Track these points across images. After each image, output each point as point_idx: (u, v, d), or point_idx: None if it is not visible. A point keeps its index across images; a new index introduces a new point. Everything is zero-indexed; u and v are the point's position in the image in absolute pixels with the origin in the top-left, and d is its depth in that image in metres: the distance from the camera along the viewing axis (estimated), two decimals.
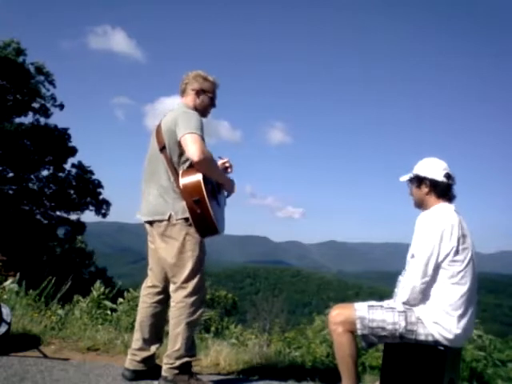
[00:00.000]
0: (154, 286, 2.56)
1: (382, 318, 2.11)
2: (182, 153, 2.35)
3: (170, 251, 2.38)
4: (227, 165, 2.76)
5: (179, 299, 2.37)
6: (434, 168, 2.25)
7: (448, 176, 2.23)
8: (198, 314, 2.40)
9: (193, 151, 2.22)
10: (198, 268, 2.39)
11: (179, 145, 2.32)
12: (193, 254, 2.37)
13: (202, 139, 2.29)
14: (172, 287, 2.42)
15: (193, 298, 2.37)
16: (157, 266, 2.54)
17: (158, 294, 2.55)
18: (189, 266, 2.36)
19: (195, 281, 2.37)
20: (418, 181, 2.27)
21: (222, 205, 2.63)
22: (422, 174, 2.26)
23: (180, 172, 2.35)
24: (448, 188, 2.24)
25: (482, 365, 3.33)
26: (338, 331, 2.16)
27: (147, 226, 2.50)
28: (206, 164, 2.28)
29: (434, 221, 2.13)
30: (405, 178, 2.37)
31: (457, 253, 2.09)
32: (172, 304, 2.41)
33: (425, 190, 2.25)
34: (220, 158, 2.76)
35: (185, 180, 2.30)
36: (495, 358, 3.32)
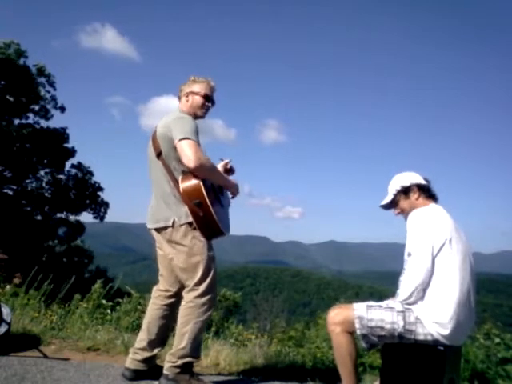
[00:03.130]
0: (166, 290, 2.56)
1: (380, 318, 2.12)
2: (179, 158, 2.32)
3: (179, 257, 2.37)
4: (228, 167, 2.74)
5: (190, 299, 2.37)
6: (412, 176, 2.40)
7: (426, 179, 2.39)
8: (207, 315, 2.39)
9: (188, 158, 2.20)
10: (209, 270, 2.38)
11: (175, 150, 2.30)
12: (202, 257, 2.36)
13: (198, 144, 2.27)
14: (185, 289, 2.42)
15: (204, 299, 2.36)
16: (166, 271, 2.54)
17: (170, 297, 2.55)
18: (200, 270, 2.35)
19: (207, 282, 2.37)
20: (405, 191, 2.37)
21: (226, 206, 2.61)
22: (407, 183, 2.37)
23: (180, 177, 2.34)
24: (431, 189, 2.38)
25: (481, 363, 3.31)
26: (337, 331, 2.17)
27: (154, 232, 2.49)
28: (203, 170, 2.26)
29: (425, 215, 2.19)
30: (387, 198, 2.43)
31: (451, 245, 2.10)
32: (182, 303, 2.40)
33: (414, 196, 2.35)
34: (221, 159, 2.73)
35: (184, 184, 2.29)
36: (499, 356, 3.31)
